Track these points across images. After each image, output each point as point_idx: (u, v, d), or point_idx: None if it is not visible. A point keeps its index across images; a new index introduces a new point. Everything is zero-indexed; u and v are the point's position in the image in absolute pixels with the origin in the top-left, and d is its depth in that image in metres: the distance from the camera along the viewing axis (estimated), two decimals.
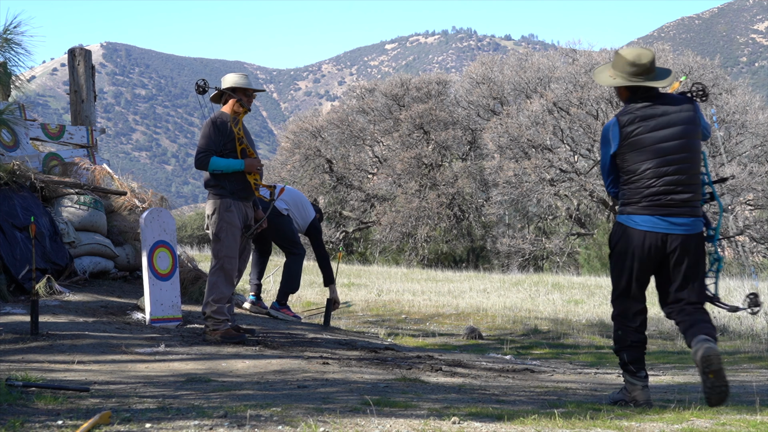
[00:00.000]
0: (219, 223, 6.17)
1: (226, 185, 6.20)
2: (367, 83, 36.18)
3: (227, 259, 6.19)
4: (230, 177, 6.20)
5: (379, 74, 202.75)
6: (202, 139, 6.20)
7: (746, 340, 8.77)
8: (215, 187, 6.22)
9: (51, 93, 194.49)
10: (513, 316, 11.26)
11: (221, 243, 6.17)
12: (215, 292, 6.18)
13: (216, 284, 6.19)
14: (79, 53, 9.39)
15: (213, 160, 6.13)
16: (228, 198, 6.19)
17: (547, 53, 34.87)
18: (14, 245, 7.03)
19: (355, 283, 15.49)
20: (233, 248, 6.19)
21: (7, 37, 6.00)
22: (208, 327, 6.21)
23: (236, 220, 6.20)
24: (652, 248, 4.57)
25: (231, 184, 6.21)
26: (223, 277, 6.19)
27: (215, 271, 6.21)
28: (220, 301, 6.18)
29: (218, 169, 6.14)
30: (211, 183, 6.23)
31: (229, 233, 6.17)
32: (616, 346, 4.72)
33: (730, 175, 24.40)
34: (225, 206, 6.18)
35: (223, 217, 6.17)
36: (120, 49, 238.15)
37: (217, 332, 6.15)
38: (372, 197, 31.73)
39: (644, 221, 4.55)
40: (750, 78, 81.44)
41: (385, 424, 3.55)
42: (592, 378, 6.15)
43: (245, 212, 6.32)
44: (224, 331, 6.16)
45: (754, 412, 4.20)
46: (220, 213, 6.17)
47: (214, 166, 6.13)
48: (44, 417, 3.49)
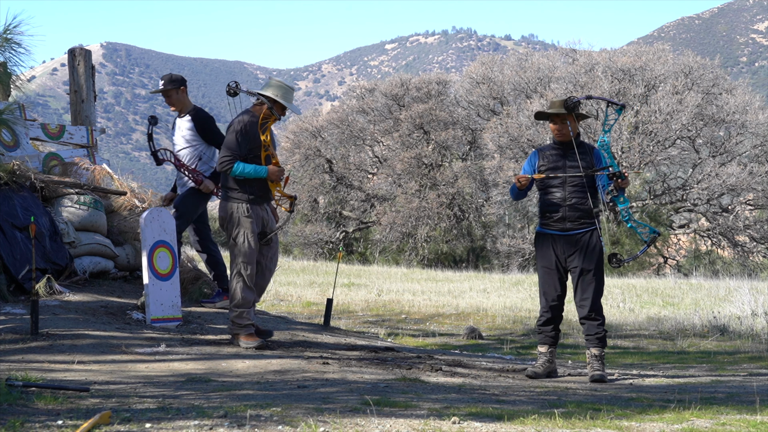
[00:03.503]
0: (237, 227, 6.12)
1: (246, 189, 6.13)
2: (367, 83, 36.17)
3: (244, 264, 6.11)
4: (251, 182, 6.14)
5: (379, 74, 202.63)
6: (228, 142, 6.12)
7: (746, 340, 8.77)
8: (235, 191, 6.15)
9: (51, 93, 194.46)
10: (513, 316, 11.26)
11: (238, 248, 6.12)
12: (235, 297, 6.14)
13: (235, 290, 6.13)
14: (79, 53, 9.38)
15: (237, 165, 6.07)
16: (246, 203, 6.13)
17: (547, 53, 34.87)
18: (14, 245, 7.02)
19: (355, 283, 15.49)
20: (251, 253, 6.12)
21: (7, 37, 6.01)
22: (230, 332, 6.21)
23: (254, 225, 6.13)
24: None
25: (251, 189, 6.14)
26: (241, 283, 6.12)
27: (234, 276, 6.17)
28: (242, 306, 6.12)
29: (242, 174, 6.09)
30: (232, 186, 6.16)
31: (246, 238, 6.11)
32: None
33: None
34: (244, 212, 6.11)
35: (241, 222, 6.11)
36: (120, 49, 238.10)
37: (239, 337, 6.13)
38: (372, 197, 31.72)
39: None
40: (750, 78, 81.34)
41: (385, 424, 3.55)
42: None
43: (263, 217, 6.24)
44: (247, 336, 6.13)
45: (754, 412, 4.20)
46: (239, 218, 6.12)
47: (238, 171, 6.08)
48: (44, 417, 3.49)
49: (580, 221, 5.85)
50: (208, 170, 7.22)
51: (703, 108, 26.44)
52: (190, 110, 7.28)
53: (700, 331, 9.61)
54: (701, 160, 27.14)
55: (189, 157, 7.24)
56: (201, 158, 7.23)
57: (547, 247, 5.96)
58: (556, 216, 5.90)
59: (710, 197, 26.42)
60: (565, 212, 5.86)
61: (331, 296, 8.61)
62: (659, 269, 27.10)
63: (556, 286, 5.94)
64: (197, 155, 7.22)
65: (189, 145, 7.25)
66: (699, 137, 27.08)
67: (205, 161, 7.25)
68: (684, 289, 15.24)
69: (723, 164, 26.72)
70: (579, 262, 5.85)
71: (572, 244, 5.86)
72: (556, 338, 6.04)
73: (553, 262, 5.92)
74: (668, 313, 11.53)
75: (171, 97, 7.25)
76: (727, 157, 27.14)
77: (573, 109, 5.83)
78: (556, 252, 5.92)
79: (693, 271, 22.88)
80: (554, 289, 5.94)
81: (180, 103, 7.26)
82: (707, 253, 28.43)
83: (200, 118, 7.24)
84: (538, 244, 6.07)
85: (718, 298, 13.33)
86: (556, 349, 6.12)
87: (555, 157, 5.93)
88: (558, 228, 5.90)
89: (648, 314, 11.54)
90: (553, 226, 5.92)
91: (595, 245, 5.83)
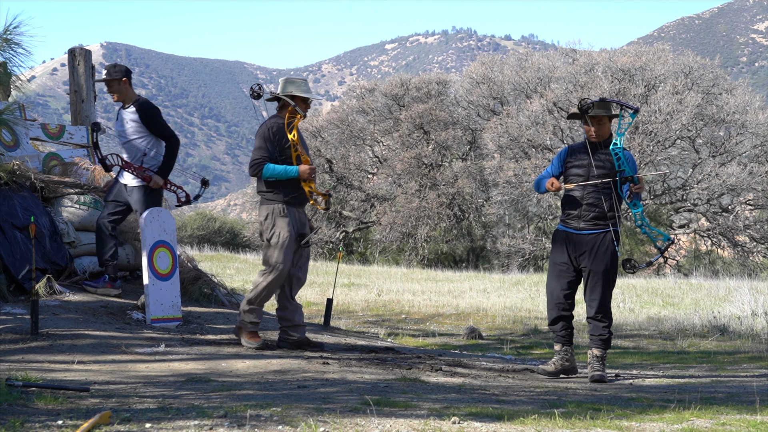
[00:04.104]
0: (273, 228, 6.08)
1: (280, 191, 6.11)
2: (367, 83, 36.16)
3: (278, 265, 6.06)
4: (285, 183, 6.11)
5: (379, 74, 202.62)
6: (258, 146, 6.09)
7: (746, 340, 8.77)
8: (269, 193, 6.13)
9: (51, 93, 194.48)
10: (513, 316, 11.26)
11: (273, 249, 6.07)
12: (254, 293, 6.09)
13: (259, 286, 6.08)
14: (79, 53, 9.38)
15: (267, 167, 6.05)
16: (282, 204, 6.09)
17: (547, 53, 34.86)
18: (14, 245, 7.02)
19: (355, 283, 15.49)
20: (286, 255, 6.09)
21: (7, 37, 6.00)
22: (239, 325, 6.21)
23: (291, 227, 6.11)
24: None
25: (285, 191, 6.12)
26: (268, 282, 6.07)
27: (262, 273, 6.12)
28: (256, 303, 6.10)
29: (273, 176, 6.06)
30: (265, 189, 6.14)
31: (282, 239, 6.06)
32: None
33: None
34: (279, 212, 6.08)
35: (277, 223, 6.07)
36: (120, 49, 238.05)
37: (242, 333, 6.15)
38: (372, 197, 31.72)
39: None
40: (750, 78, 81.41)
41: (385, 424, 3.55)
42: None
43: (299, 219, 6.21)
44: (250, 334, 6.13)
45: (754, 412, 4.20)
46: (275, 219, 6.08)
47: (268, 173, 6.05)
48: (44, 417, 3.49)
49: (594, 222, 5.83)
50: (155, 165, 7.01)
51: (703, 108, 26.43)
52: (134, 101, 7.04)
53: (700, 331, 9.61)
54: (701, 160, 27.14)
55: (135, 150, 7.01)
56: (146, 153, 7.00)
57: (561, 244, 5.97)
58: (573, 214, 5.90)
59: (710, 197, 26.42)
60: (581, 211, 5.86)
61: (331, 296, 8.61)
62: (659, 269, 27.10)
63: (562, 284, 5.93)
64: (143, 149, 6.99)
65: (135, 137, 7.02)
66: (699, 137, 27.07)
67: (152, 156, 7.02)
68: (684, 289, 15.24)
69: (723, 164, 26.71)
70: (588, 263, 5.83)
71: (584, 244, 5.85)
72: (569, 336, 6.01)
73: (565, 260, 5.91)
74: (668, 313, 11.53)
75: (113, 87, 7.01)
76: (727, 157, 27.14)
77: (586, 112, 5.85)
78: (568, 250, 5.91)
79: (693, 271, 22.88)
80: (560, 287, 5.93)
81: (123, 94, 7.02)
82: (707, 253, 28.43)
83: (145, 109, 7.01)
84: (554, 240, 6.07)
85: (718, 298, 13.33)
86: (572, 347, 6.08)
87: (583, 155, 5.91)
88: (573, 226, 5.91)
89: (648, 314, 11.54)
90: (569, 223, 5.93)
91: (607, 248, 5.80)
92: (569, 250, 5.91)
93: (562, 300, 5.94)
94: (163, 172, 7.01)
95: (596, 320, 5.88)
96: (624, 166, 5.78)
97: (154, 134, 7.04)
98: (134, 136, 7.04)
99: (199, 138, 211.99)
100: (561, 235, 5.99)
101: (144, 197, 6.99)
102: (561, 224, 6.03)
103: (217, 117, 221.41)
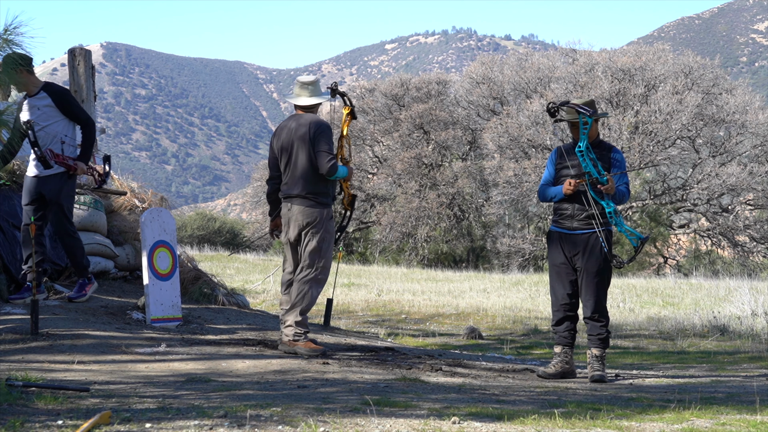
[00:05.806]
0: (322, 233, 5.96)
1: (330, 192, 6.05)
2: (367, 83, 36.15)
3: (324, 270, 6.01)
4: (333, 184, 6.07)
5: (379, 74, 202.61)
6: (329, 144, 5.95)
7: (746, 340, 8.77)
8: (322, 195, 5.99)
9: None
10: (513, 316, 11.26)
11: (321, 253, 5.96)
12: (306, 301, 5.94)
13: (308, 294, 5.94)
14: (79, 53, 9.38)
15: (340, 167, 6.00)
16: (329, 207, 6.03)
17: (547, 53, 34.87)
18: (14, 245, 7.03)
19: (355, 283, 15.49)
20: (331, 258, 6.08)
21: (7, 37, 5.99)
22: (288, 337, 5.95)
23: (334, 229, 6.11)
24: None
25: (333, 192, 6.08)
26: (316, 288, 6.00)
27: (310, 280, 5.96)
28: (306, 312, 5.98)
29: (339, 176, 6.01)
30: (321, 190, 5.98)
31: (330, 243, 6.02)
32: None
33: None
34: (329, 215, 6.02)
35: (327, 228, 5.99)
36: (120, 49, 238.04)
37: (298, 343, 5.92)
38: (372, 197, 31.72)
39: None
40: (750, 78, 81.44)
41: (385, 424, 3.55)
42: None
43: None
44: (306, 343, 5.93)
45: (754, 412, 4.20)
46: (324, 223, 5.97)
47: (338, 173, 5.97)
48: (44, 417, 3.50)
49: (586, 221, 5.85)
50: (74, 152, 6.71)
51: (703, 108, 26.42)
52: (42, 86, 6.67)
53: (700, 331, 9.61)
54: (701, 160, 27.14)
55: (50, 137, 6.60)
56: (64, 141, 6.64)
57: (556, 245, 5.98)
58: (565, 214, 5.93)
59: (710, 197, 26.42)
60: (573, 211, 5.88)
61: (331, 296, 8.61)
62: (659, 269, 27.10)
63: (564, 285, 5.93)
64: (60, 136, 6.63)
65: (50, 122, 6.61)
66: (699, 137, 27.08)
67: (69, 143, 6.69)
68: (684, 289, 15.24)
69: (723, 164, 26.71)
70: (582, 262, 5.85)
71: (577, 244, 5.87)
72: (571, 338, 5.99)
73: (563, 260, 5.93)
74: (668, 313, 11.53)
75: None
76: (727, 157, 27.14)
77: (553, 115, 5.92)
78: (564, 250, 5.92)
79: (693, 271, 22.88)
80: (563, 287, 5.93)
81: (30, 85, 6.66)
82: (707, 253, 28.42)
83: (56, 92, 6.65)
84: (549, 242, 6.09)
85: (718, 298, 13.32)
86: (573, 349, 6.05)
87: (572, 156, 5.93)
88: (566, 226, 5.93)
89: (648, 314, 11.54)
90: (562, 223, 5.95)
91: (601, 247, 5.81)
92: (565, 249, 5.92)
93: (566, 300, 5.92)
94: (85, 158, 6.71)
95: (593, 320, 5.89)
96: (589, 168, 5.79)
97: (70, 118, 6.70)
98: (48, 121, 6.62)
99: (199, 138, 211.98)
100: (555, 235, 6.01)
101: (61, 185, 6.64)
102: (554, 225, 6.05)
103: (217, 117, 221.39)
